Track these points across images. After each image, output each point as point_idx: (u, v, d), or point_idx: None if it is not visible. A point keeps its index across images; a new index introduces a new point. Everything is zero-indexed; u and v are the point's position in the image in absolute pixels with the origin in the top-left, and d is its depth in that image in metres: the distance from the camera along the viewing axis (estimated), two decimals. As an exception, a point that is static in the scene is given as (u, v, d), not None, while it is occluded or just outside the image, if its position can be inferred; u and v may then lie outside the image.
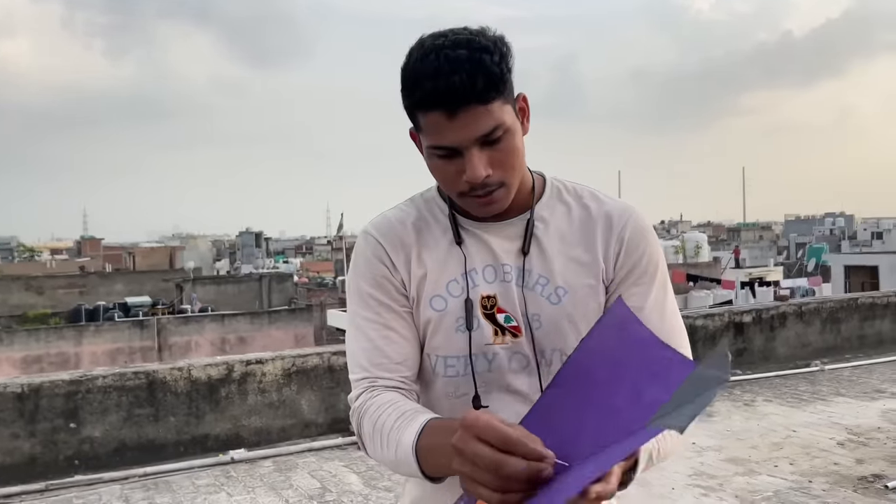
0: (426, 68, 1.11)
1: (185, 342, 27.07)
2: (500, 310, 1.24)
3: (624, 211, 1.27)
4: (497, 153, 1.15)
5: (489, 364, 1.25)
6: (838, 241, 47.51)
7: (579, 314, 1.23)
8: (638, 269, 1.25)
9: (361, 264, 1.30)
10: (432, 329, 1.26)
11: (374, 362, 1.24)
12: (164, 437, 5.11)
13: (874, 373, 7.43)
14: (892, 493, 4.19)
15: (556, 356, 1.25)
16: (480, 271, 1.25)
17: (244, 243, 67.00)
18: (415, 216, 1.31)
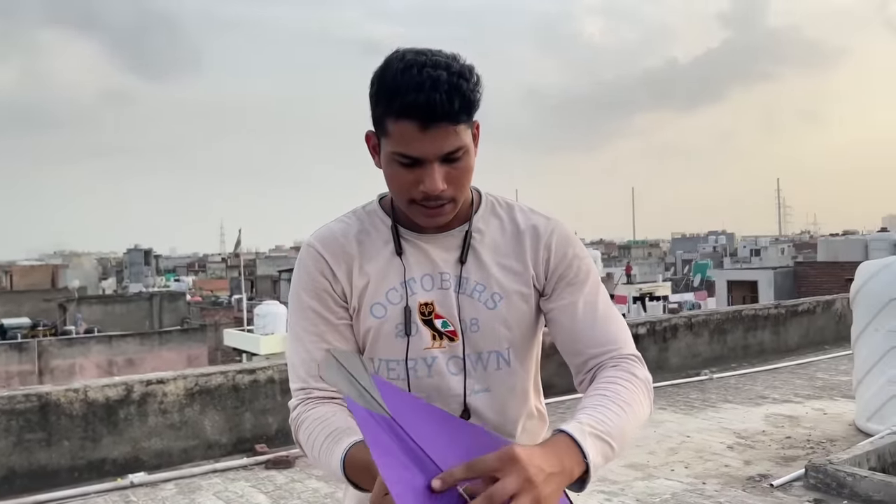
0: (408, 81, 1.17)
1: (68, 365, 25.65)
2: (437, 315, 1.32)
3: (548, 222, 1.38)
4: (454, 171, 1.23)
5: (429, 368, 1.32)
6: (721, 257, 50.18)
7: (513, 318, 1.33)
8: (569, 273, 1.35)
9: (304, 276, 1.35)
10: (373, 336, 1.33)
11: (310, 374, 1.30)
12: (57, 463, 4.85)
13: (757, 380, 7.91)
14: (776, 491, 4.48)
15: (492, 357, 1.33)
16: (419, 280, 1.32)
17: (132, 261, 64.25)
18: (357, 228, 1.37)
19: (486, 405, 1.34)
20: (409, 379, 1.31)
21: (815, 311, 10.09)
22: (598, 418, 1.12)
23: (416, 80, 1.17)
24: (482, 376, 1.33)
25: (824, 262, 29.41)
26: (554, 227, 1.37)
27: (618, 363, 1.28)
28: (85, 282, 46.78)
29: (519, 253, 1.35)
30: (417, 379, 1.32)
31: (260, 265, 60.99)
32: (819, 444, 5.48)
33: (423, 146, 1.20)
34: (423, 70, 1.17)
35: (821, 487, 4.41)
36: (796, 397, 7.04)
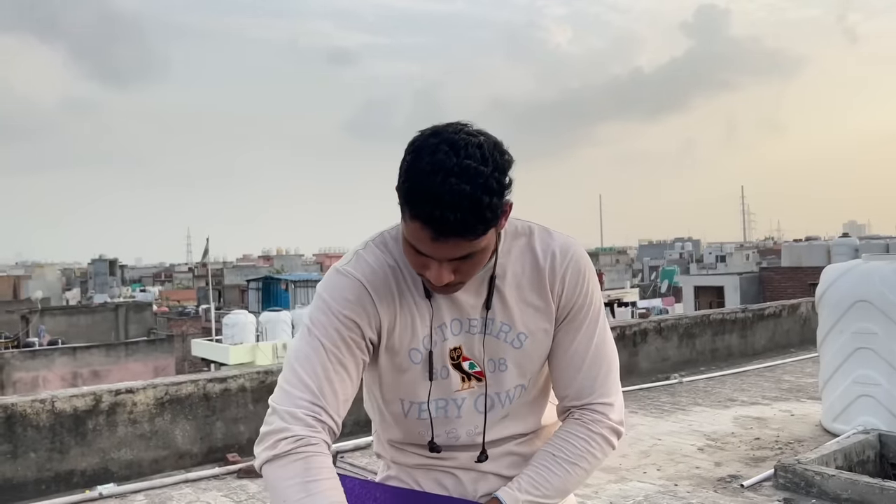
0: (428, 189, 1.13)
1: (31, 378, 25.13)
2: (465, 358, 1.36)
3: (567, 250, 1.36)
4: (465, 265, 1.22)
5: (458, 409, 1.38)
6: (687, 263, 50.81)
7: (537, 354, 1.38)
8: (575, 308, 1.37)
9: (339, 301, 1.30)
10: (408, 379, 1.36)
11: (324, 393, 1.25)
12: (23, 476, 4.74)
13: (726, 383, 8.02)
14: (747, 491, 4.55)
15: (517, 391, 1.40)
16: (448, 325, 1.35)
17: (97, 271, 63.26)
18: (391, 263, 1.34)
19: (505, 429, 1.42)
20: (431, 419, 1.38)
21: (780, 315, 10.27)
22: (538, 482, 1.33)
23: (436, 192, 1.12)
24: (506, 408, 1.40)
25: (788, 267, 29.96)
26: (570, 261, 1.36)
27: (582, 416, 1.39)
28: (48, 293, 45.92)
29: (540, 289, 1.36)
30: (447, 419, 1.38)
31: (227, 274, 60.39)
32: (787, 444, 5.57)
33: (432, 250, 1.18)
34: (448, 181, 1.12)
35: (790, 487, 4.48)
36: (764, 399, 7.15)
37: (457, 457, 1.41)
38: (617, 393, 1.40)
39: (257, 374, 5.76)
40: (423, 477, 1.44)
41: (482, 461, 1.40)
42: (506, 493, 1.32)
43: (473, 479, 1.42)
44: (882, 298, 5.39)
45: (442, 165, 1.13)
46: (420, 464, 1.43)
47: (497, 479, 1.41)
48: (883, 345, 5.40)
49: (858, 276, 5.60)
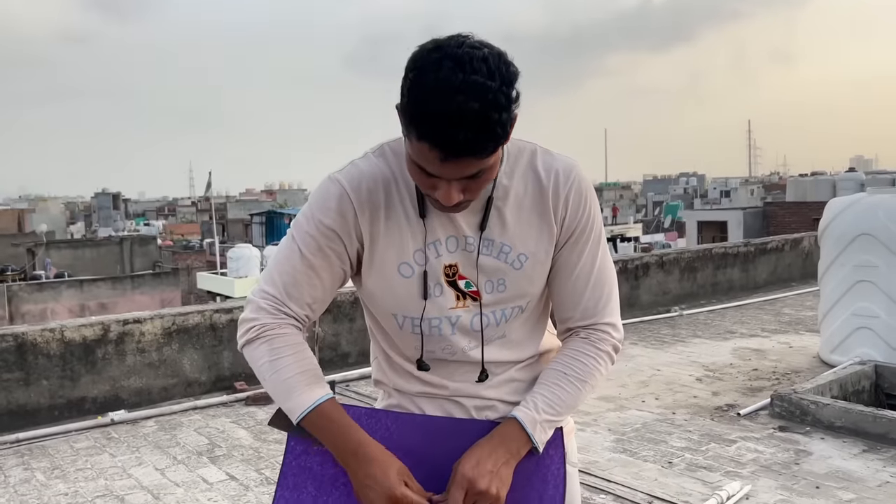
0: (435, 108, 1.10)
1: (39, 310, 25.42)
2: (461, 276, 1.35)
3: (569, 172, 1.35)
4: (473, 183, 1.20)
5: (453, 326, 1.37)
6: (691, 199, 50.63)
7: (537, 275, 1.37)
8: (578, 229, 1.36)
9: (321, 209, 1.32)
10: (400, 295, 1.35)
11: (289, 292, 1.33)
12: (36, 402, 4.87)
13: (726, 316, 8.10)
14: (743, 420, 4.65)
15: (514, 311, 1.39)
16: (444, 242, 1.33)
17: (101, 205, 63.35)
18: (386, 174, 1.33)
19: (503, 352, 1.41)
20: (422, 336, 1.37)
21: (783, 249, 10.29)
22: (552, 401, 1.34)
23: (443, 110, 1.09)
24: (502, 328, 1.39)
25: (793, 202, 29.86)
26: (573, 181, 1.34)
27: (588, 335, 1.40)
28: (53, 226, 46.05)
29: (543, 210, 1.34)
30: (441, 336, 1.37)
31: (231, 209, 60.42)
32: (784, 375, 5.67)
33: (441, 170, 1.16)
34: (455, 98, 1.08)
35: (785, 415, 4.58)
36: (763, 332, 7.24)
37: (456, 378, 1.40)
38: (618, 311, 1.42)
39: (263, 305, 5.82)
40: (427, 405, 1.43)
41: (483, 380, 1.39)
42: (523, 413, 1.32)
43: (478, 408, 1.41)
44: (885, 232, 5.40)
45: (448, 83, 1.09)
46: (422, 391, 1.43)
47: (503, 406, 1.41)
48: (884, 278, 5.43)
49: (862, 210, 5.59)
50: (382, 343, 1.45)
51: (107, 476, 4.00)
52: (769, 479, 3.73)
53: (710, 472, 3.84)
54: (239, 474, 3.97)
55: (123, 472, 4.04)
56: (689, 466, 3.92)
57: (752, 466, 3.89)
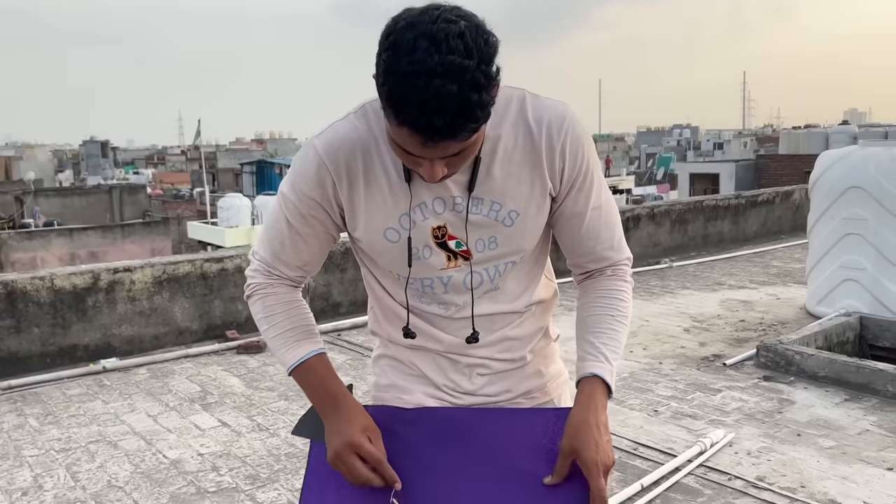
0: (411, 95, 1.05)
1: (29, 259, 25.35)
2: (451, 237, 1.32)
3: (562, 121, 1.29)
4: (457, 159, 1.17)
5: (445, 286, 1.36)
6: (684, 151, 50.42)
7: (529, 231, 1.35)
8: (580, 177, 1.33)
9: (302, 177, 1.31)
10: (389, 257, 1.35)
11: (278, 257, 1.38)
12: (27, 349, 4.89)
13: (715, 268, 8.16)
14: (729, 370, 4.72)
15: (506, 266, 1.37)
16: (430, 204, 1.30)
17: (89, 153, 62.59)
18: (364, 135, 1.29)
19: (496, 302, 1.40)
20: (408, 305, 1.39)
21: (773, 202, 10.31)
22: (613, 348, 1.36)
23: (420, 97, 1.04)
24: (495, 282, 1.38)
25: (785, 154, 29.81)
26: (567, 129, 1.29)
27: (615, 272, 1.41)
28: (40, 174, 45.60)
29: (535, 163, 1.29)
30: (434, 294, 1.38)
31: (221, 158, 59.86)
32: (771, 326, 5.73)
33: (422, 152, 1.13)
34: (432, 83, 1.03)
35: (770, 365, 4.65)
36: (751, 283, 7.30)
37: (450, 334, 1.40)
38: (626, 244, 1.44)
39: (253, 255, 5.82)
40: (419, 359, 1.44)
41: (472, 342, 1.38)
42: (601, 369, 1.32)
43: (470, 365, 1.42)
44: (875, 185, 5.41)
45: (423, 66, 1.03)
46: (415, 345, 1.43)
47: (495, 363, 1.42)
48: (872, 231, 5.46)
49: (853, 163, 5.59)
50: (379, 293, 1.45)
51: (100, 422, 4.04)
52: (752, 427, 3.80)
53: (694, 420, 3.91)
54: (231, 421, 4.02)
55: (116, 419, 4.09)
56: (675, 415, 3.99)
57: (736, 415, 3.96)
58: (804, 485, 3.17)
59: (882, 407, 4.01)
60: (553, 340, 1.56)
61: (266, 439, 3.76)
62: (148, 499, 3.16)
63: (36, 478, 3.38)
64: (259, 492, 3.20)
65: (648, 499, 3.06)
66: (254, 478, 3.34)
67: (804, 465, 3.35)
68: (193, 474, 3.39)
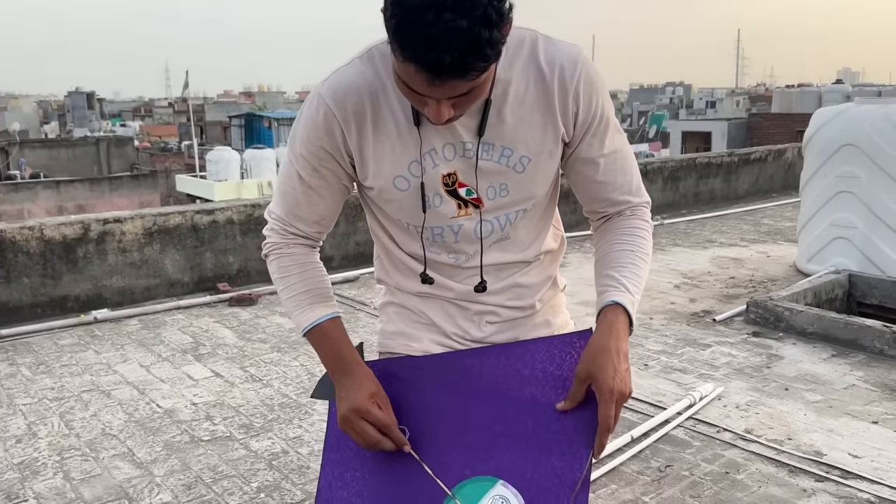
0: (419, 30, 1.01)
1: (16, 211, 25.16)
2: (461, 184, 1.29)
3: (574, 64, 1.25)
4: (465, 100, 1.13)
5: (455, 235, 1.34)
6: (677, 109, 50.20)
7: (541, 177, 1.32)
8: (594, 122, 1.30)
9: (309, 127, 1.28)
10: (398, 206, 1.32)
11: (293, 213, 1.36)
12: (18, 300, 4.86)
13: (706, 226, 8.18)
14: (718, 325, 4.76)
15: (518, 214, 1.35)
16: (440, 150, 1.27)
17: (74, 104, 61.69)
18: (371, 80, 1.25)
19: (506, 251, 1.39)
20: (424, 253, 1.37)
21: (766, 160, 10.31)
22: (635, 281, 1.33)
23: (428, 32, 1.00)
24: (506, 231, 1.36)
25: (778, 113, 29.72)
26: (580, 72, 1.25)
27: (634, 212, 1.40)
28: (26, 125, 44.99)
29: (547, 108, 1.26)
30: (444, 243, 1.36)
31: (209, 111, 59.09)
32: (760, 283, 5.77)
33: (429, 91, 1.09)
34: (441, 17, 0.99)
35: (759, 321, 4.69)
36: (742, 241, 7.33)
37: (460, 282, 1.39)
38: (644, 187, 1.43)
39: (244, 207, 5.79)
40: (427, 306, 1.43)
41: (480, 291, 1.38)
42: (624, 298, 1.31)
43: (480, 312, 1.41)
44: (869, 142, 5.40)
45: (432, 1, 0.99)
46: (424, 292, 1.42)
47: (505, 311, 1.42)
48: (864, 189, 5.47)
49: (849, 120, 5.58)
50: (386, 242, 1.43)
51: (92, 372, 4.04)
52: (741, 381, 3.85)
53: (684, 374, 3.95)
54: (224, 371, 4.03)
55: (109, 369, 4.09)
56: (665, 369, 4.03)
57: (725, 369, 4.01)
58: (791, 437, 3.22)
59: (868, 362, 4.07)
60: (560, 290, 1.55)
61: (259, 390, 3.78)
62: (142, 447, 3.18)
63: (30, 426, 3.40)
64: (253, 440, 3.23)
65: (638, 450, 3.10)
66: (248, 427, 3.36)
67: (791, 419, 3.40)
68: (187, 423, 3.41)
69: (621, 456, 3.04)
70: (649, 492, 2.80)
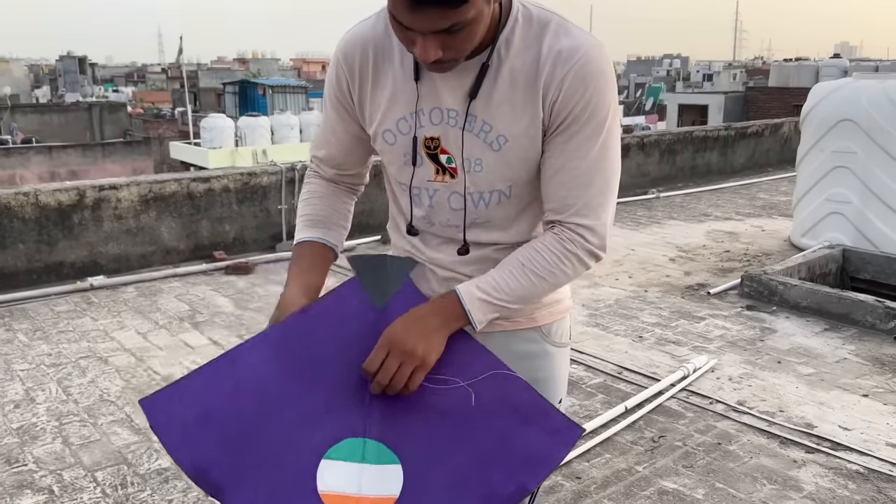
0: None
1: (7, 176, 24.95)
2: (443, 150, 1.30)
3: (574, 52, 1.20)
4: (453, 40, 1.11)
5: (430, 199, 1.36)
6: (674, 81, 49.91)
7: (517, 159, 1.27)
8: (570, 118, 1.22)
9: (330, 74, 1.39)
10: (387, 159, 1.38)
11: (317, 152, 1.49)
12: (13, 265, 4.85)
13: (702, 199, 8.19)
14: (713, 298, 4.80)
15: (494, 196, 1.32)
16: (427, 113, 1.28)
17: (66, 69, 60.95)
18: (380, 36, 1.31)
19: (486, 235, 1.36)
20: (411, 202, 1.38)
21: (762, 134, 10.30)
22: (499, 285, 1.27)
23: None
24: (482, 212, 1.33)
25: (775, 87, 29.61)
26: (576, 62, 1.19)
27: (560, 233, 1.28)
28: (16, 89, 44.50)
29: (533, 91, 1.22)
30: (420, 206, 1.38)
31: (202, 77, 58.45)
32: (755, 257, 5.80)
33: (412, 21, 1.08)
34: None
35: (753, 295, 4.72)
36: (737, 215, 7.35)
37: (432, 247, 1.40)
38: (603, 216, 1.28)
39: (241, 175, 5.77)
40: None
41: (463, 254, 1.36)
42: (464, 288, 1.26)
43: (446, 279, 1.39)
44: (867, 118, 5.40)
45: None
46: (407, 251, 1.44)
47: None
48: (861, 164, 5.48)
49: (847, 95, 5.57)
50: (390, 198, 1.49)
51: (89, 339, 4.06)
52: (734, 353, 3.89)
53: (678, 346, 3.99)
54: (221, 339, 4.05)
55: (105, 335, 4.10)
56: (659, 341, 4.07)
57: (718, 342, 4.05)
58: (783, 409, 3.27)
59: (861, 337, 4.11)
60: None
61: (256, 358, 3.80)
62: (140, 413, 3.21)
63: (28, 391, 3.41)
64: (251, 408, 3.25)
65: (632, 420, 3.14)
66: (245, 394, 3.38)
67: (783, 391, 3.45)
68: (185, 390, 3.43)
69: (615, 426, 3.08)
70: (643, 461, 2.84)
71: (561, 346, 1.45)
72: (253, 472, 1.20)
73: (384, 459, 1.22)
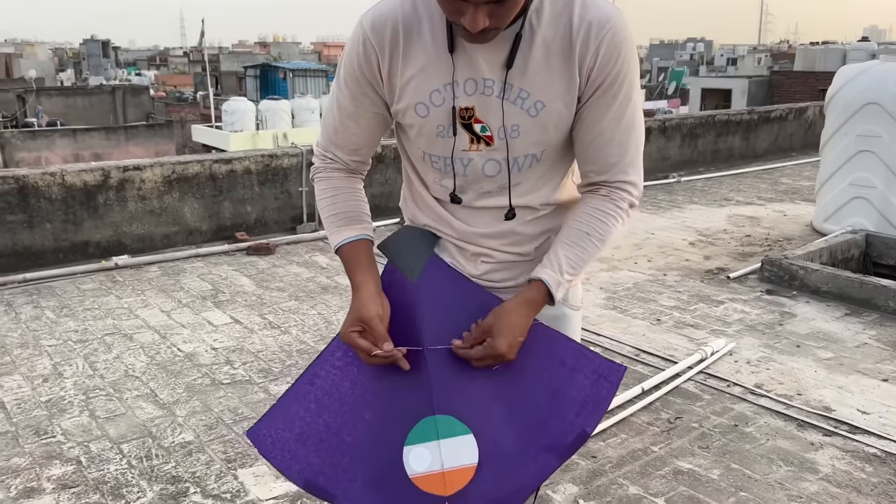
0: None
1: (33, 158, 25.25)
2: (476, 120, 1.34)
3: (604, 23, 1.27)
4: (500, 8, 1.17)
5: (465, 168, 1.39)
6: (697, 65, 49.32)
7: (552, 124, 1.34)
8: (606, 83, 1.30)
9: (351, 53, 1.36)
10: (416, 132, 1.38)
11: (331, 140, 1.46)
12: (41, 244, 4.95)
13: (724, 184, 8.13)
14: (732, 283, 4.78)
15: (527, 160, 1.38)
16: (462, 84, 1.31)
17: (90, 52, 61.38)
18: (409, 13, 1.32)
19: (518, 199, 1.42)
20: (454, 173, 1.40)
21: (786, 118, 10.18)
22: (574, 262, 1.36)
23: None
24: (515, 175, 1.39)
25: (800, 71, 29.20)
26: (607, 32, 1.27)
27: (609, 193, 1.38)
28: (41, 73, 44.92)
29: (568, 60, 1.29)
30: (456, 175, 1.41)
31: (224, 61, 58.58)
32: (776, 242, 5.77)
33: None
34: None
35: (774, 280, 4.70)
36: (759, 200, 7.29)
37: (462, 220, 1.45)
38: (641, 170, 1.40)
39: (262, 157, 5.81)
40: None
41: (510, 219, 1.42)
42: (549, 276, 1.35)
43: (475, 254, 1.45)
44: (893, 101, 5.33)
45: None
46: (429, 225, 1.48)
47: (499, 254, 1.45)
48: (886, 148, 5.42)
49: (872, 78, 5.49)
50: (412, 176, 1.50)
51: (114, 316, 4.13)
52: (753, 337, 3.88)
53: (696, 329, 3.99)
54: (243, 318, 4.11)
55: (130, 313, 4.18)
56: (677, 324, 4.07)
57: (737, 326, 4.04)
58: (801, 393, 3.27)
59: (882, 322, 4.09)
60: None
61: (278, 336, 3.86)
62: (164, 388, 3.27)
63: (55, 366, 3.49)
64: (272, 385, 3.31)
65: (648, 401, 3.16)
66: (266, 371, 3.44)
67: (801, 375, 3.44)
68: (208, 367, 3.49)
69: (632, 407, 3.10)
70: (658, 442, 2.86)
71: (576, 308, 1.55)
72: (352, 474, 1.35)
73: (457, 431, 1.34)
